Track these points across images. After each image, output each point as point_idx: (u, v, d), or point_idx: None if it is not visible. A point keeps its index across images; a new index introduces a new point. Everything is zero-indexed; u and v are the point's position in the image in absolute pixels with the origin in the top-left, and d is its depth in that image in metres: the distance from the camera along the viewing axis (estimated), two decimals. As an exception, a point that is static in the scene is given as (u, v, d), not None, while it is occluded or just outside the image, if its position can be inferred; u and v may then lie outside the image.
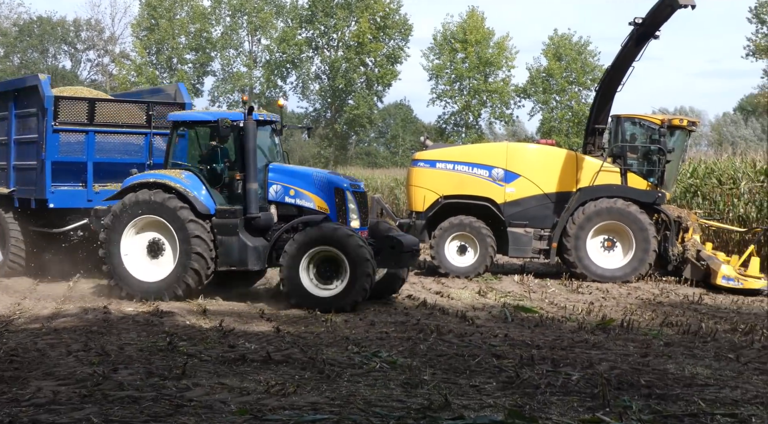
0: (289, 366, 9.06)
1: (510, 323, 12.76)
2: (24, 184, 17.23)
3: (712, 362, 9.73)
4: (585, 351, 10.26)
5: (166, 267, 14.46)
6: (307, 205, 14.65)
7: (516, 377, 8.59)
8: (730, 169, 23.45)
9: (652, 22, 18.46)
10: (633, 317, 13.04)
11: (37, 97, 16.54)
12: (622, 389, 8.16)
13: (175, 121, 15.61)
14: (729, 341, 11.24)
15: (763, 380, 8.83)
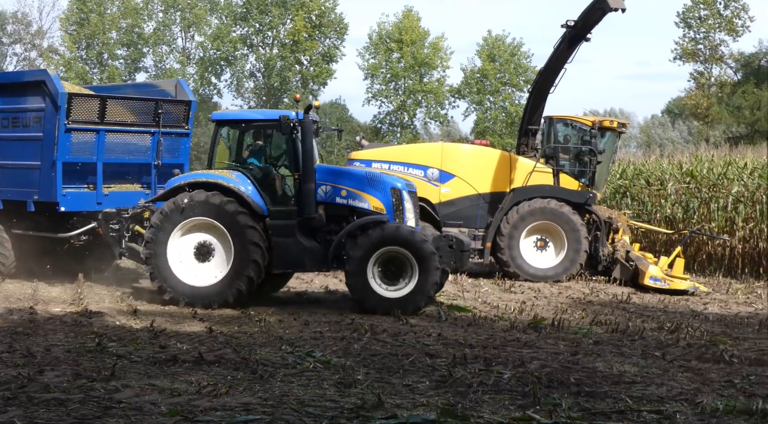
0: (221, 367, 9.00)
1: (443, 322, 12.82)
2: (15, 186, 16.04)
3: (639, 360, 9.89)
4: (517, 350, 10.35)
5: (215, 271, 13.88)
6: (362, 205, 14.25)
7: (449, 376, 8.65)
8: (657, 171, 23.89)
9: (583, 24, 18.67)
10: (564, 316, 13.19)
11: (42, 93, 15.40)
12: (553, 387, 8.25)
13: (219, 120, 15.07)
14: (655, 339, 11.43)
15: (688, 377, 9.01)
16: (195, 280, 13.85)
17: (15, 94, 16.09)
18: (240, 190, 13.81)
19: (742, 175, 21.40)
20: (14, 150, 15.98)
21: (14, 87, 16.33)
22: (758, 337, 11.97)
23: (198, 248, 13.94)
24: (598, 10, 18.21)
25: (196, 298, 13.68)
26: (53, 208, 15.68)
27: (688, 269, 19.07)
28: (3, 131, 16.12)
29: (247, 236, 13.58)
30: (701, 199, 21.39)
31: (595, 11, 18.30)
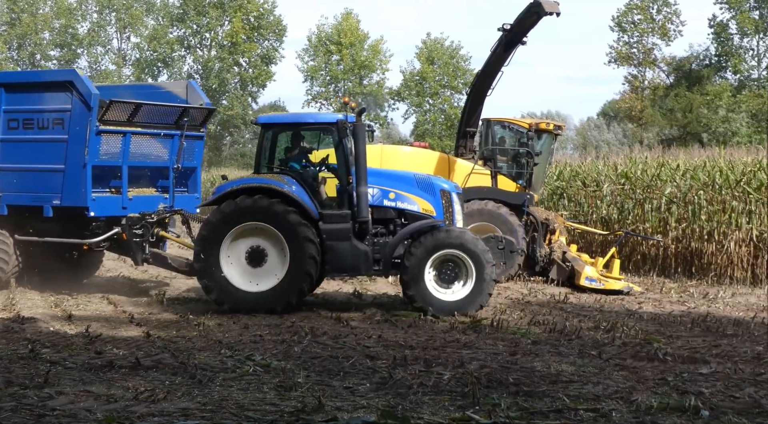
0: (159, 372, 8.90)
1: (384, 324, 12.82)
2: (27, 191, 15.16)
3: (577, 359, 9.97)
4: (456, 351, 10.39)
5: (271, 276, 13.55)
6: (411, 208, 14.17)
7: (389, 378, 8.66)
8: (593, 173, 24.17)
9: (519, 28, 18.80)
10: (502, 317, 13.26)
11: (69, 94, 14.53)
12: (492, 388, 8.29)
13: (267, 123, 14.67)
14: (592, 339, 11.54)
15: (623, 375, 9.12)
16: (250, 286, 13.58)
17: (30, 94, 15.21)
18: (293, 194, 13.53)
19: (674, 177, 21.73)
20: (26, 153, 15.06)
21: (30, 87, 15.47)
22: (691, 335, 12.15)
23: (251, 254, 13.61)
24: (533, 15, 18.35)
25: (258, 304, 13.43)
26: (75, 213, 14.92)
27: (623, 269, 19.29)
28: (10, 133, 15.14)
29: (302, 239, 13.37)
30: (635, 200, 21.68)
31: (531, 15, 18.44)
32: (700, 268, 20.04)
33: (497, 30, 19.06)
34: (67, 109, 14.60)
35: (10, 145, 15.08)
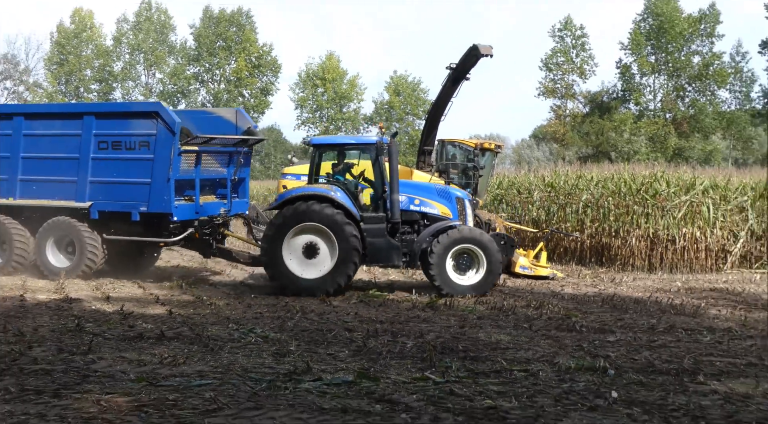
0: (179, 342, 8.89)
1: (359, 304, 12.84)
2: (117, 199, 14.79)
3: (512, 331, 10.05)
4: (417, 324, 10.45)
5: (322, 265, 13.58)
6: (432, 211, 14.37)
7: (363, 346, 8.69)
8: (526, 183, 24.26)
9: (462, 67, 18.79)
10: (454, 298, 13.35)
11: (154, 121, 14.39)
12: (445, 353, 8.35)
13: (318, 144, 14.71)
14: (524, 314, 11.63)
15: (548, 343, 9.21)
16: (306, 273, 13.58)
17: (118, 121, 14.92)
18: (339, 200, 13.65)
19: (589, 186, 21.89)
20: (115, 169, 14.73)
21: (118, 115, 15.24)
22: (601, 311, 12.27)
23: (306, 248, 13.63)
24: (473, 56, 18.39)
25: (312, 288, 13.44)
26: (157, 217, 14.72)
27: (549, 259, 19.42)
28: (100, 153, 14.79)
29: (348, 236, 13.47)
30: (559, 204, 21.81)
31: (470, 57, 18.47)
32: (608, 258, 20.21)
33: (445, 68, 19.10)
34: (153, 134, 14.40)
35: (100, 163, 14.77)
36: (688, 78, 56.14)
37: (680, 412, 6.20)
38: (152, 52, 62.95)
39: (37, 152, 15.11)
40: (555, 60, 59.57)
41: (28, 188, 15.25)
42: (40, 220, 15.23)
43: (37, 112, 16.14)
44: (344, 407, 6.09)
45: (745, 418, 6.06)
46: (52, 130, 15.08)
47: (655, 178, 21.10)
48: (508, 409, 6.16)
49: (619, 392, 6.78)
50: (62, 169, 14.97)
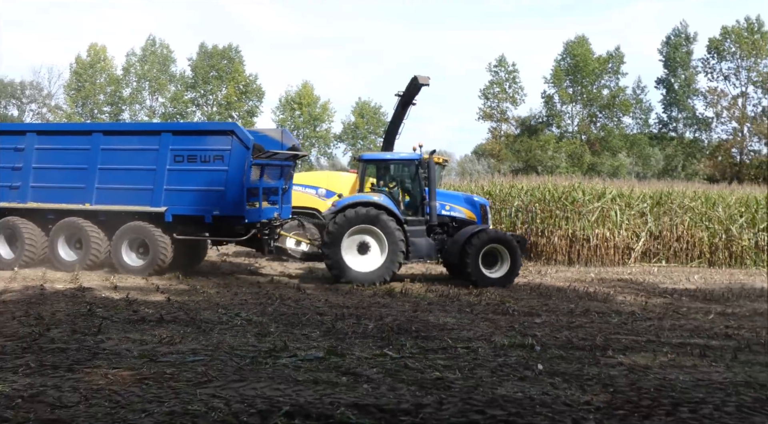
0: (176, 324, 8.74)
1: (329, 291, 12.76)
2: (192, 205, 14.36)
3: (457, 314, 10.08)
4: (377, 309, 10.42)
5: (373, 261, 13.72)
6: (459, 216, 14.59)
7: (332, 328, 8.62)
8: (468, 191, 24.38)
9: (407, 94, 18.80)
10: (408, 287, 13.32)
11: (229, 138, 14.08)
12: (401, 333, 8.33)
13: (367, 159, 14.95)
14: (467, 301, 11.65)
15: (486, 324, 9.25)
16: (360, 267, 13.70)
17: (193, 138, 14.54)
18: (388, 205, 13.79)
19: (520, 194, 22.07)
20: (190, 178, 14.34)
21: (195, 133, 14.82)
22: (530, 297, 12.36)
23: (360, 246, 13.77)
24: (414, 86, 18.45)
25: (363, 280, 13.51)
26: (227, 221, 14.41)
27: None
28: (176, 165, 14.39)
29: (395, 236, 13.60)
30: (495, 209, 21.96)
31: (412, 86, 18.52)
32: (536, 254, 20.38)
33: (394, 95, 19.15)
34: (228, 149, 14.12)
35: (175, 173, 14.41)
36: (599, 107, 57.05)
37: (593, 381, 6.25)
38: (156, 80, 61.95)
39: (113, 164, 14.76)
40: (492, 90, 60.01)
41: (104, 195, 14.86)
42: (114, 223, 14.80)
43: (115, 129, 15.80)
44: (315, 379, 6.03)
45: (645, 385, 6.12)
46: (128, 145, 14.74)
47: (573, 188, 21.34)
48: (453, 380, 6.15)
49: (543, 364, 6.81)
50: (138, 178, 14.64)
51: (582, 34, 58.52)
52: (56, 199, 15.06)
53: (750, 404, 5.63)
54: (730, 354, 7.58)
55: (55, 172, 15.08)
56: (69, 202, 14.98)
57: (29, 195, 15.20)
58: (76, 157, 14.93)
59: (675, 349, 7.80)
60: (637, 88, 57.86)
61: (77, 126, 20.40)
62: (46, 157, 15.11)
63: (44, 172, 15.15)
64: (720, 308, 11.56)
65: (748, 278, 16.91)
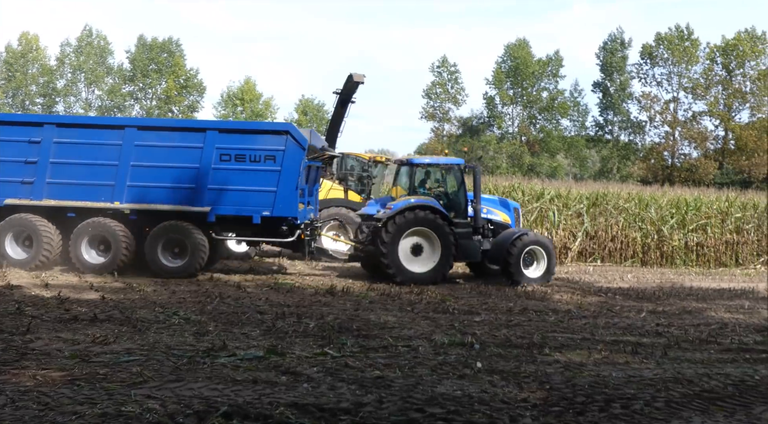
0: (110, 323, 8.47)
1: (270, 290, 12.60)
2: (239, 205, 13.87)
3: (397, 313, 10.10)
4: (319, 308, 10.34)
5: (426, 262, 14.06)
6: (497, 219, 15.09)
7: (273, 327, 8.53)
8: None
9: (345, 92, 18.74)
10: (350, 285, 13.29)
11: (284, 139, 13.75)
12: (342, 332, 8.30)
13: (416, 163, 15.09)
14: (408, 299, 11.69)
15: (427, 323, 9.30)
16: (413, 267, 14.01)
17: (242, 136, 14.05)
18: (440, 209, 14.17)
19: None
20: (237, 178, 13.87)
21: (245, 132, 14.30)
22: (470, 296, 12.50)
23: (413, 247, 14.10)
24: (350, 83, 18.40)
25: (416, 280, 13.72)
26: (275, 222, 14.03)
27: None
28: (223, 164, 13.82)
29: (448, 238, 13.98)
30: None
31: (349, 84, 18.46)
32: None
33: (332, 93, 19.02)
34: (281, 150, 13.77)
35: (221, 172, 13.83)
36: (538, 109, 58.30)
37: (530, 378, 6.37)
38: (92, 72, 60.08)
39: (148, 161, 13.91)
40: (434, 90, 60.55)
41: (137, 194, 13.97)
42: (146, 223, 14.02)
43: (151, 125, 14.81)
44: (255, 379, 5.95)
45: (580, 382, 6.28)
46: (167, 142, 13.99)
47: (513, 188, 21.72)
48: (393, 378, 6.16)
49: (482, 362, 6.90)
50: (178, 177, 13.94)
51: (523, 37, 59.80)
52: (78, 197, 13.94)
53: (678, 399, 5.83)
54: (660, 351, 7.85)
55: (78, 168, 13.92)
56: (94, 200, 13.95)
57: (45, 192, 14.00)
58: (104, 153, 13.93)
59: (608, 346, 8.02)
60: (575, 92, 59.41)
61: (107, 120, 18.82)
62: (67, 152, 13.92)
63: (64, 167, 13.92)
64: (651, 306, 11.96)
65: (677, 277, 17.54)
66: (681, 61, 53.41)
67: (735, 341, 8.72)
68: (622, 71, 56.93)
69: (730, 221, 22.10)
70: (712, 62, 52.61)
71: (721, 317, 10.90)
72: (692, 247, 21.49)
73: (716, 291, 14.79)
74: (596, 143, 57.55)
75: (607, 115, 58.41)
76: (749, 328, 9.83)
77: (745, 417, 5.42)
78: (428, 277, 13.89)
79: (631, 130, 57.48)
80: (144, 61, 60.14)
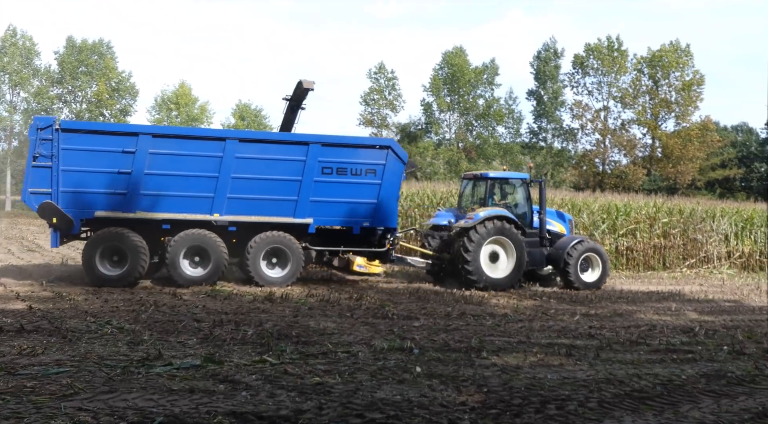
0: (39, 334, 8.16)
1: (207, 297, 12.36)
2: (340, 216, 14.54)
3: (337, 319, 10.09)
4: (257, 315, 10.25)
5: (502, 269, 15.05)
6: (554, 229, 16.18)
7: (210, 335, 8.39)
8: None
9: (295, 99, 18.68)
10: (289, 291, 13.20)
11: (385, 153, 14.55)
12: (281, 339, 8.25)
13: (491, 177, 15.94)
14: (347, 305, 11.70)
15: (367, 328, 9.33)
16: (492, 274, 14.93)
17: (344, 150, 14.53)
18: (515, 219, 15.10)
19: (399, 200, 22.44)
20: (338, 191, 14.41)
21: (347, 146, 14.67)
22: (409, 301, 12.60)
23: (491, 255, 15.03)
24: (300, 90, 18.40)
25: (496, 285, 14.80)
26: (371, 233, 14.95)
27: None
28: (324, 176, 14.32)
29: (522, 247, 15.00)
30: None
31: (299, 90, 18.45)
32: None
33: (282, 99, 18.89)
34: (382, 164, 14.56)
35: (323, 185, 14.31)
36: (475, 116, 59.35)
37: (468, 382, 6.46)
38: (17, 74, 57.75)
39: (249, 173, 14.05)
40: (372, 97, 60.81)
41: (237, 205, 14.04)
42: (245, 235, 14.17)
43: (252, 138, 14.78)
44: (191, 388, 5.84)
45: (516, 384, 6.41)
46: (268, 154, 14.21)
47: (450, 194, 22.00)
48: (333, 384, 6.15)
49: (422, 367, 6.96)
50: (279, 189, 14.22)
51: (459, 45, 60.79)
52: (173, 209, 13.78)
53: (610, 399, 6.03)
54: (593, 353, 8.10)
55: (174, 180, 13.77)
56: (192, 212, 13.86)
57: (138, 204, 13.63)
58: (202, 164, 13.88)
59: (544, 349, 8.22)
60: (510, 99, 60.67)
61: (207, 132, 18.36)
62: (163, 163, 13.69)
63: (160, 179, 13.70)
64: (584, 309, 12.32)
65: (609, 281, 18.12)
66: (611, 71, 55.26)
67: (663, 342, 9.07)
68: (555, 80, 58.50)
69: (657, 226, 22.99)
70: (640, 73, 54.66)
71: (650, 319, 11.32)
72: (622, 251, 22.24)
73: (645, 294, 15.36)
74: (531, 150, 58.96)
75: (541, 123, 59.92)
76: (676, 329, 10.25)
77: (673, 415, 5.64)
78: (505, 282, 14.93)
79: (564, 138, 59.15)
80: (73, 63, 58.23)
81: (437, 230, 16.14)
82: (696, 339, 9.40)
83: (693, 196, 36.27)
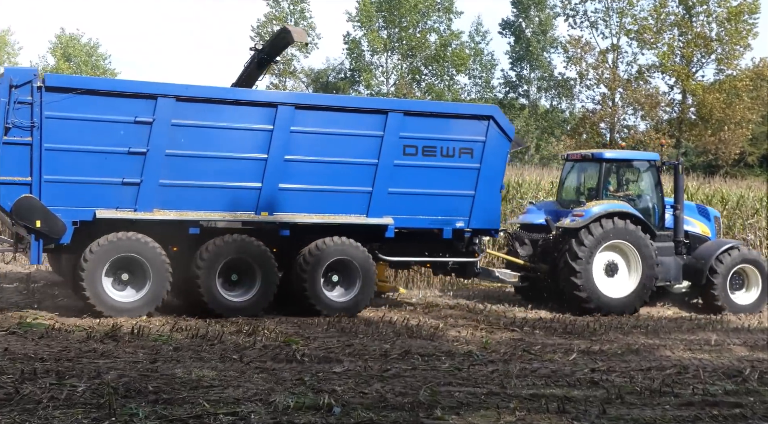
0: None
1: (11, 335, 11.87)
2: (425, 214, 15.09)
3: (218, 364, 10.03)
4: (93, 361, 10.05)
5: (622, 285, 15.87)
6: (693, 230, 16.68)
7: (15, 394, 8.14)
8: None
9: (270, 50, 18.91)
10: (143, 324, 12.98)
11: (485, 126, 15.14)
12: (130, 397, 8.12)
13: (609, 159, 16.61)
14: (234, 342, 11.64)
15: (263, 377, 9.31)
16: (609, 292, 15.71)
17: (435, 122, 15.20)
18: (641, 218, 15.69)
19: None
20: (426, 179, 15.03)
21: (438, 116, 15.41)
22: (327, 336, 12.62)
23: (608, 266, 15.70)
24: (283, 39, 18.64)
25: (612, 307, 15.67)
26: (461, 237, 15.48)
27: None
28: (407, 159, 14.91)
29: (650, 256, 15.63)
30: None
31: (281, 40, 18.68)
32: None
33: (249, 49, 19.09)
34: (481, 140, 15.08)
35: (404, 170, 14.88)
36: (424, 59, 59.50)
37: (417, 455, 6.50)
38: None
39: (307, 154, 14.52)
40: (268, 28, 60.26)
41: (290, 201, 14.51)
42: (297, 242, 14.73)
43: (313, 103, 15.30)
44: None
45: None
46: (333, 127, 14.67)
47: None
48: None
49: (346, 434, 6.96)
50: (348, 176, 14.74)
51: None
52: (204, 207, 14.13)
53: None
54: (597, 408, 8.27)
55: (205, 163, 14.07)
56: (229, 210, 14.30)
57: (156, 199, 13.78)
58: (246, 142, 14.26)
59: (525, 403, 8.34)
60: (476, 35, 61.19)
61: (252, 94, 17.08)
62: (191, 140, 13.91)
63: (186, 162, 13.93)
64: (584, 344, 12.59)
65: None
66: (624, -6, 56.17)
67: (698, 391, 9.34)
68: (543, 7, 59.19)
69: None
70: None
71: (679, 358, 11.66)
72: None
73: (672, 320, 15.81)
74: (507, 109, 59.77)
75: (521, 70, 60.66)
76: (717, 372, 10.58)
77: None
78: (627, 304, 15.73)
79: (556, 92, 59.99)
80: None
81: (529, 230, 16.68)
82: (746, 387, 9.72)
83: (741, 178, 37.46)
